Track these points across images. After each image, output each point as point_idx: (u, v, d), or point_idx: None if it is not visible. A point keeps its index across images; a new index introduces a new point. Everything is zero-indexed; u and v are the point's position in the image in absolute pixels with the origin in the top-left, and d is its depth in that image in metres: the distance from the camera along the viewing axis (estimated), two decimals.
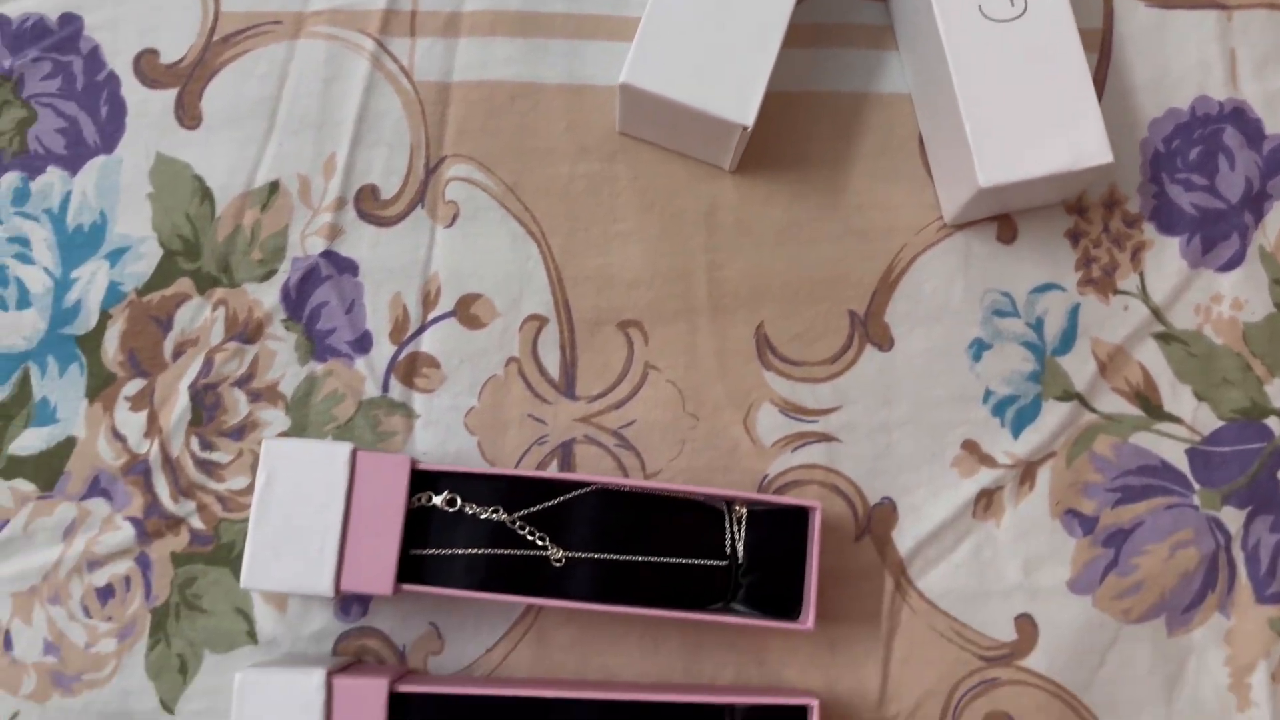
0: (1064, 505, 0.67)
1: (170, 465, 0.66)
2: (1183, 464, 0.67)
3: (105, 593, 0.65)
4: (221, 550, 0.65)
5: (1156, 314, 0.69)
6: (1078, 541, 0.67)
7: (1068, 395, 0.68)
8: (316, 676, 0.58)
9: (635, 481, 0.63)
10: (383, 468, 0.60)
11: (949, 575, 0.66)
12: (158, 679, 0.64)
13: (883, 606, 0.66)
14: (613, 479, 0.62)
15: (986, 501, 0.67)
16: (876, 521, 0.67)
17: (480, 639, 0.65)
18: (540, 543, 0.61)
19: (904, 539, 0.66)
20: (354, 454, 0.60)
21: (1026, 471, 0.67)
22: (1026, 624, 0.66)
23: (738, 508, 0.63)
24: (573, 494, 0.62)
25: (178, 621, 0.65)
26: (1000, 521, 0.67)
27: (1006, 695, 0.65)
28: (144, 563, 0.65)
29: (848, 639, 0.66)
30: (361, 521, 0.59)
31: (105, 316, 0.67)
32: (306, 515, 0.59)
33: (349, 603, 0.65)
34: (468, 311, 0.68)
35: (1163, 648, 0.66)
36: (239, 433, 0.66)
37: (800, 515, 0.63)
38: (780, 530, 0.63)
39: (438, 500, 0.61)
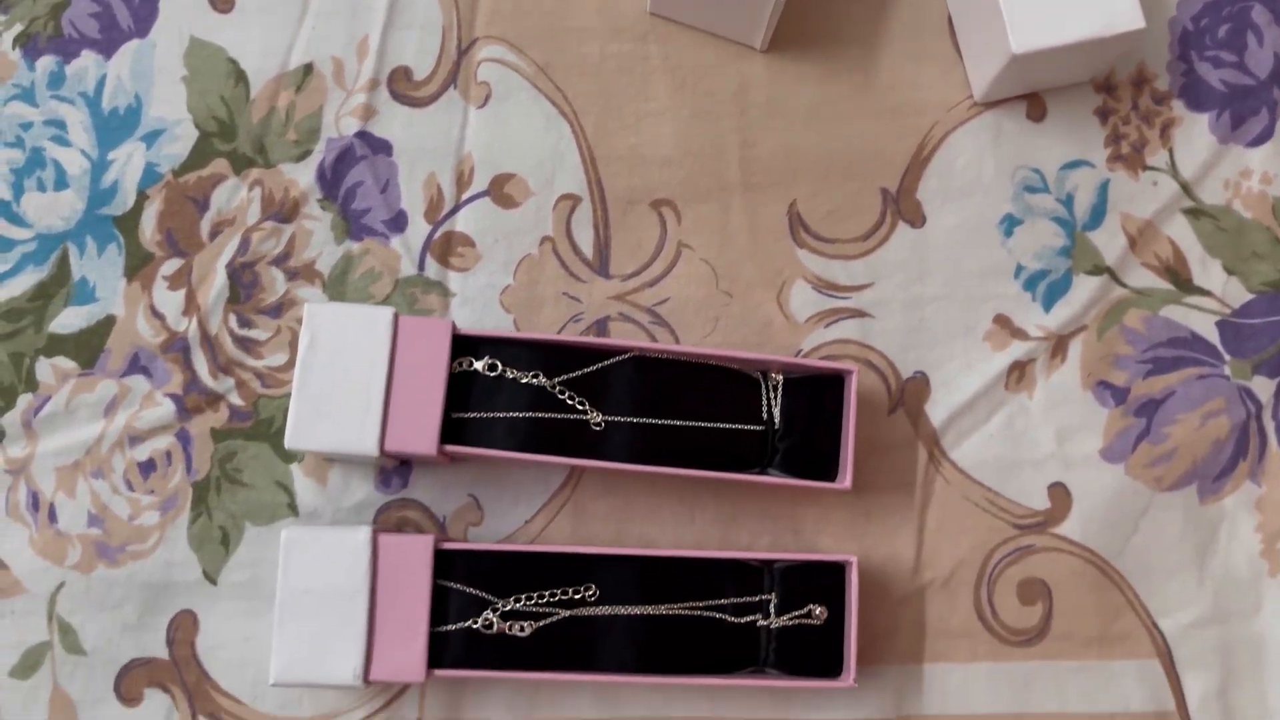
0: (1095, 377, 0.67)
1: (209, 342, 0.67)
2: (1213, 335, 0.68)
3: (147, 467, 0.65)
4: (261, 426, 0.66)
5: (1186, 189, 0.69)
6: (1109, 412, 0.67)
7: (1098, 269, 0.68)
8: (363, 533, 0.58)
9: (673, 347, 0.63)
10: (424, 332, 0.61)
11: (982, 446, 0.67)
12: (200, 550, 0.65)
13: (916, 477, 0.67)
14: (650, 345, 0.63)
15: (1019, 374, 0.67)
16: (909, 395, 0.67)
17: (519, 510, 0.66)
18: (580, 407, 0.62)
19: (937, 411, 0.67)
20: (396, 318, 0.60)
21: (1058, 345, 0.68)
22: (1060, 492, 0.66)
23: (774, 375, 0.64)
24: (611, 360, 0.62)
25: (219, 495, 0.65)
26: (1032, 393, 0.67)
27: (1040, 562, 0.66)
28: (184, 438, 0.66)
29: (882, 509, 0.66)
30: (404, 384, 0.60)
31: (142, 197, 0.68)
32: (350, 378, 0.60)
33: (389, 475, 0.65)
34: (501, 191, 0.68)
35: (1194, 515, 0.66)
36: (277, 310, 0.67)
37: (835, 383, 0.63)
38: (816, 397, 0.63)
39: (478, 365, 0.62)
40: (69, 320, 0.66)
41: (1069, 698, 0.65)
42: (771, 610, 0.61)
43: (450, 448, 0.60)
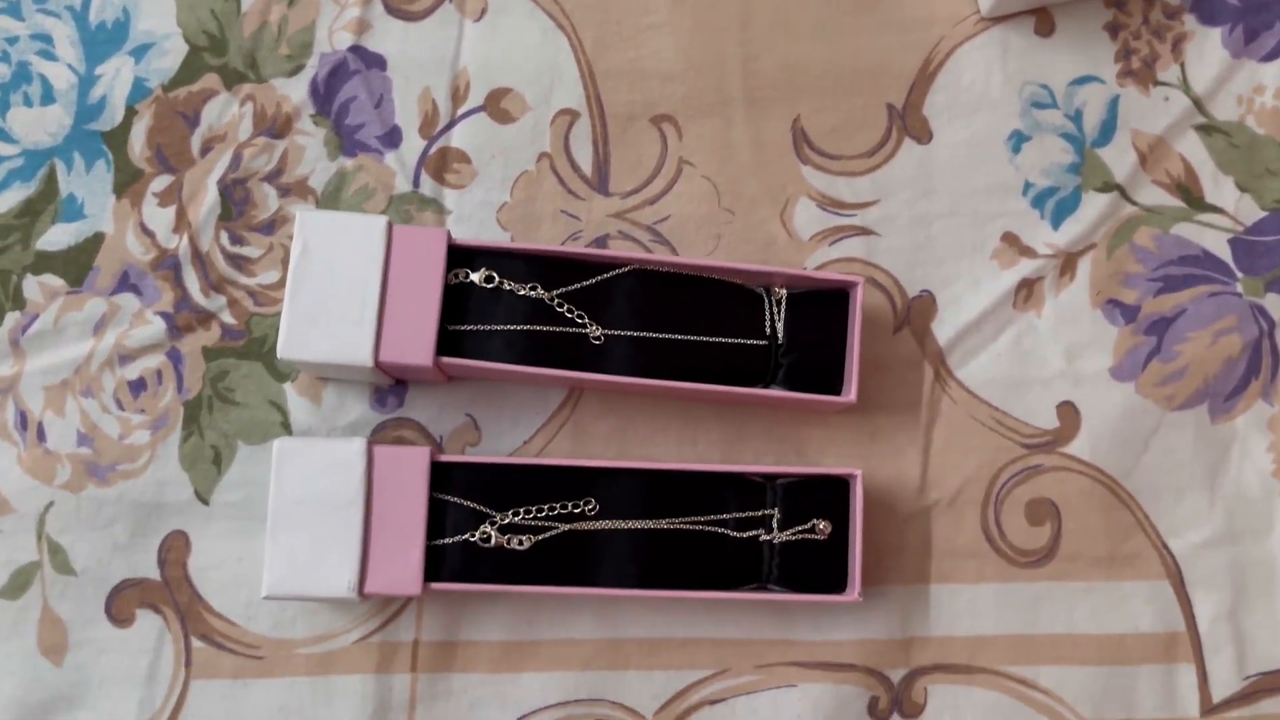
0: (1105, 295, 0.66)
1: (200, 260, 0.65)
2: (1225, 253, 0.67)
3: (137, 386, 0.64)
4: (253, 344, 0.65)
5: (1198, 105, 0.68)
6: (1119, 330, 0.66)
7: (1108, 186, 0.67)
8: (357, 443, 0.57)
9: (674, 259, 0.62)
10: (420, 241, 0.59)
11: (989, 365, 0.65)
12: (192, 470, 0.63)
13: (922, 396, 0.65)
14: (651, 257, 0.61)
15: (1027, 292, 0.66)
16: (915, 313, 0.66)
17: (518, 430, 0.64)
18: (579, 320, 0.60)
19: (944, 330, 0.66)
20: (390, 226, 0.59)
21: (1067, 262, 0.66)
22: (1069, 411, 0.65)
23: (777, 290, 0.62)
24: (611, 273, 0.61)
25: (210, 414, 0.64)
26: (1041, 311, 0.66)
27: (1049, 481, 0.64)
28: (175, 357, 0.64)
29: (888, 428, 0.65)
30: (399, 294, 0.58)
31: (131, 112, 0.66)
32: (343, 287, 0.58)
33: (384, 394, 0.64)
34: (498, 106, 0.67)
35: (1205, 434, 0.65)
36: (269, 227, 0.65)
37: (839, 299, 0.62)
38: (820, 312, 0.62)
39: (475, 277, 0.60)
40: (57, 237, 0.65)
41: (1078, 619, 0.63)
42: (774, 525, 0.59)
43: (446, 360, 0.59)
